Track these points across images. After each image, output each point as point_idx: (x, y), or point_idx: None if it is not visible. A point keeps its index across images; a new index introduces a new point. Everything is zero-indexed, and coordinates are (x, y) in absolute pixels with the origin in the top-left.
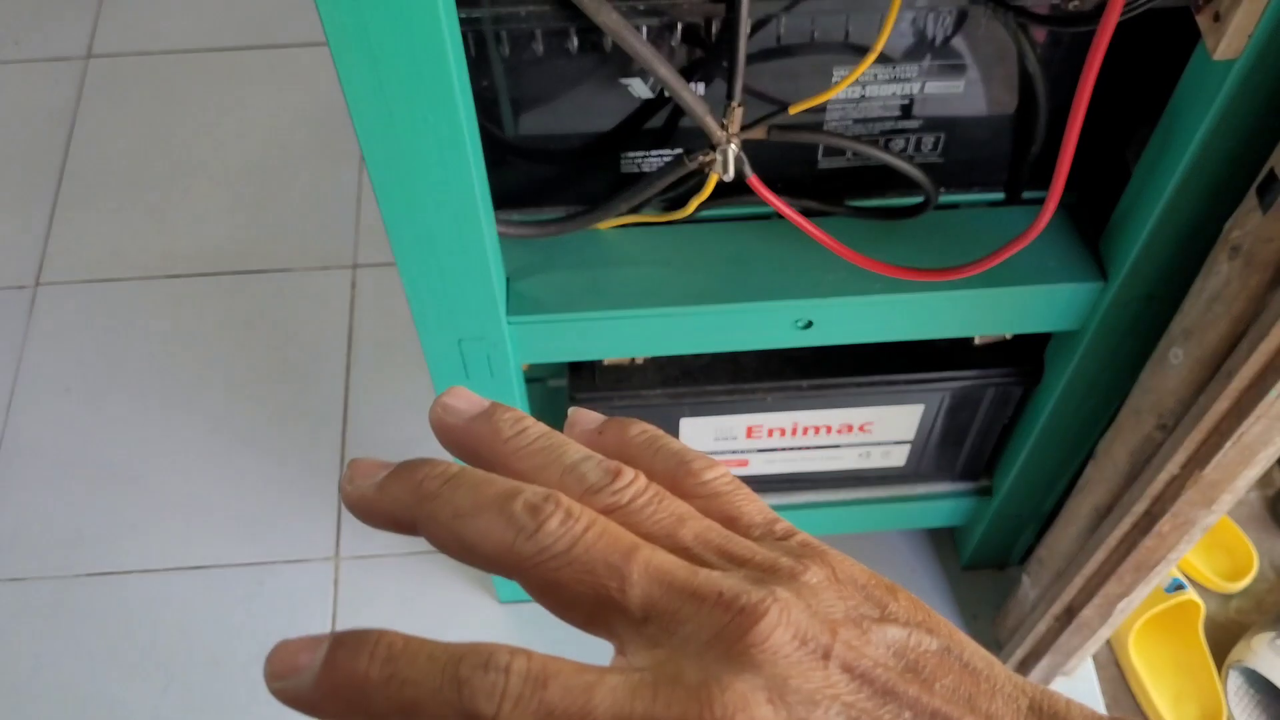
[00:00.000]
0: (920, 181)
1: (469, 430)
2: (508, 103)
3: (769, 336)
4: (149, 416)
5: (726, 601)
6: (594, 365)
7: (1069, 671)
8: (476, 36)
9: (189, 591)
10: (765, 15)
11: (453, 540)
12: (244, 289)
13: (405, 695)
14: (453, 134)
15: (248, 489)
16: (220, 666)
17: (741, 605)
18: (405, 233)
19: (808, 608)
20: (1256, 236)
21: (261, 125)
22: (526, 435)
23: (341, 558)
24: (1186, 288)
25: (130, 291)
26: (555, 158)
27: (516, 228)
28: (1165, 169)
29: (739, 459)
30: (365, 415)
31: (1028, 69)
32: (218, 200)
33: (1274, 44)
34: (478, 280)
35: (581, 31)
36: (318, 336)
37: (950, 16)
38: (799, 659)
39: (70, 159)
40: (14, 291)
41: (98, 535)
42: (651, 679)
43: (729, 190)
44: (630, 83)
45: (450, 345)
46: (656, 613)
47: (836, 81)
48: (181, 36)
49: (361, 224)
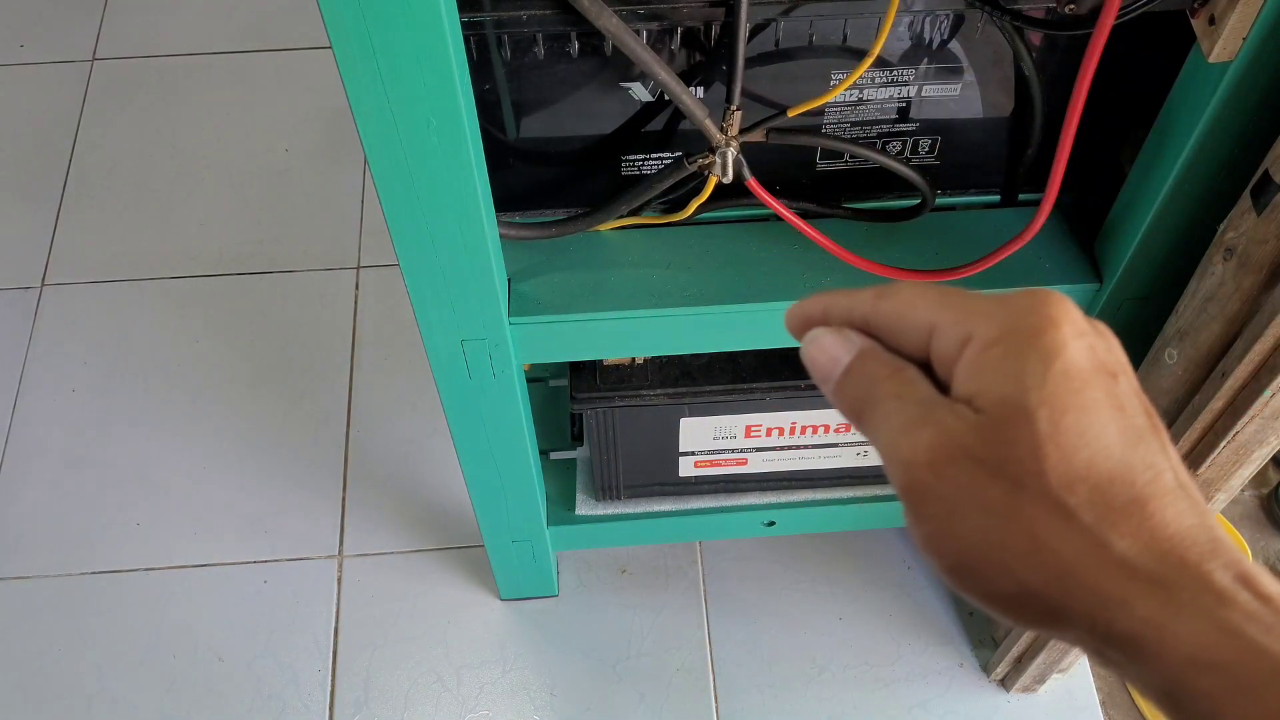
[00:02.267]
0: (917, 184)
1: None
2: (509, 106)
3: (768, 337)
4: (153, 416)
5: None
6: (594, 365)
7: (1065, 669)
8: (479, 40)
9: (193, 589)
10: (764, 19)
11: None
12: (248, 290)
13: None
14: (455, 137)
15: (251, 488)
16: (225, 664)
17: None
18: (408, 235)
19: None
20: (1250, 238)
21: (266, 128)
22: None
23: (344, 556)
24: (1181, 289)
25: (135, 292)
26: (556, 160)
27: (518, 229)
28: (1160, 171)
29: (738, 458)
30: (368, 414)
31: (1024, 72)
32: (222, 202)
33: (1268, 47)
34: (480, 281)
35: (582, 36)
36: (321, 337)
37: (947, 20)
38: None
39: (75, 161)
40: (20, 292)
41: (103, 534)
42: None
43: (728, 192)
44: (630, 86)
45: (452, 345)
46: None
47: (834, 85)
48: (186, 39)
49: (365, 226)
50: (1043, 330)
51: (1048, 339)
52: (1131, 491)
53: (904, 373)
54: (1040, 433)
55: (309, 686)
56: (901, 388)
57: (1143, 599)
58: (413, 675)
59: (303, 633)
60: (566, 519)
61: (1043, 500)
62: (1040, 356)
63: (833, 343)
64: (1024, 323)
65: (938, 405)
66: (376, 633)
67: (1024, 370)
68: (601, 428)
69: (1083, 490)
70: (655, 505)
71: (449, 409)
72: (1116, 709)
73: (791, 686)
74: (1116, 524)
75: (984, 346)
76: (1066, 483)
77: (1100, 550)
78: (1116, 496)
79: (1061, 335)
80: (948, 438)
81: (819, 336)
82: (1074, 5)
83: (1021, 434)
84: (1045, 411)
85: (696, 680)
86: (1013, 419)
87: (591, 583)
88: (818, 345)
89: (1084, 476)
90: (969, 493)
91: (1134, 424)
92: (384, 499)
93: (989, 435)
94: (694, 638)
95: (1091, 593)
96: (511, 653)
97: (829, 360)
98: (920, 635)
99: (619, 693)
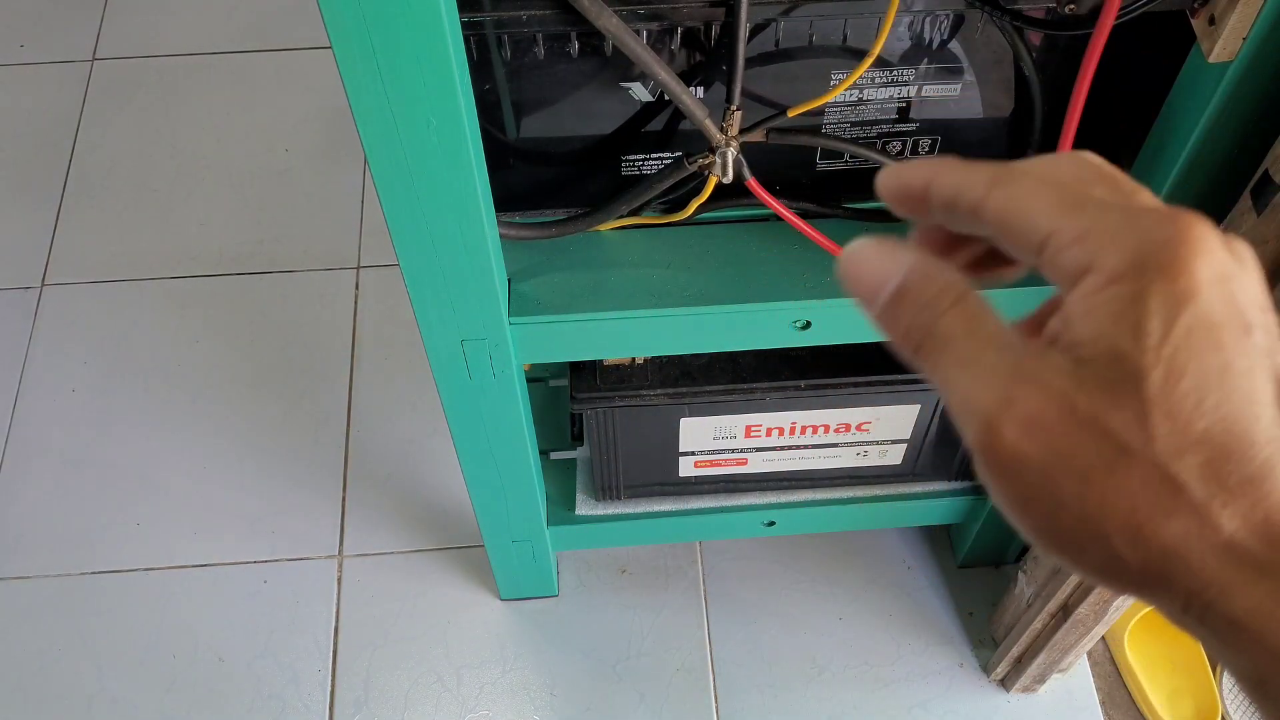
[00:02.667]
0: None
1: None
2: (509, 106)
3: (768, 337)
4: (154, 416)
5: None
6: (594, 365)
7: (1065, 669)
8: (479, 40)
9: (193, 589)
10: (764, 19)
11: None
12: (248, 290)
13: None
14: (455, 137)
15: (251, 488)
16: (225, 664)
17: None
18: (408, 235)
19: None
20: (1251, 238)
21: (266, 127)
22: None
23: (344, 556)
24: None
25: (135, 292)
26: (556, 160)
27: (518, 229)
28: (1160, 171)
29: (738, 458)
30: (368, 414)
31: (1024, 72)
32: (222, 202)
33: (1268, 47)
34: (480, 281)
35: (582, 36)
36: (321, 337)
37: (947, 20)
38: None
39: (76, 161)
40: (20, 292)
41: (103, 534)
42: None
43: (728, 192)
44: (630, 86)
45: (453, 345)
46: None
47: (834, 85)
48: (186, 39)
49: (365, 226)
50: (1176, 270)
51: (1181, 284)
52: (1249, 469)
53: (969, 303)
54: (1150, 397)
55: (309, 686)
56: (972, 323)
57: (1248, 586)
58: (413, 675)
59: (303, 633)
60: (566, 519)
61: (1149, 471)
62: (1167, 304)
63: (878, 256)
64: (1156, 258)
65: (1025, 353)
66: (376, 633)
67: (1144, 321)
68: (601, 428)
69: (1194, 463)
70: (655, 505)
71: (449, 409)
72: (1116, 709)
73: (791, 686)
74: (1229, 502)
75: (1105, 283)
76: (1177, 453)
77: (1208, 530)
78: (1232, 473)
79: (1196, 279)
80: (1044, 396)
81: (860, 249)
82: (1074, 5)
83: (1130, 397)
84: (1160, 373)
85: (696, 680)
86: (1123, 379)
87: (591, 583)
88: (858, 259)
89: (1197, 448)
90: (1064, 458)
91: (1259, 390)
92: (384, 499)
93: (1094, 393)
94: (694, 638)
95: (1194, 574)
96: (511, 653)
97: (874, 279)
98: (920, 635)
99: (619, 693)
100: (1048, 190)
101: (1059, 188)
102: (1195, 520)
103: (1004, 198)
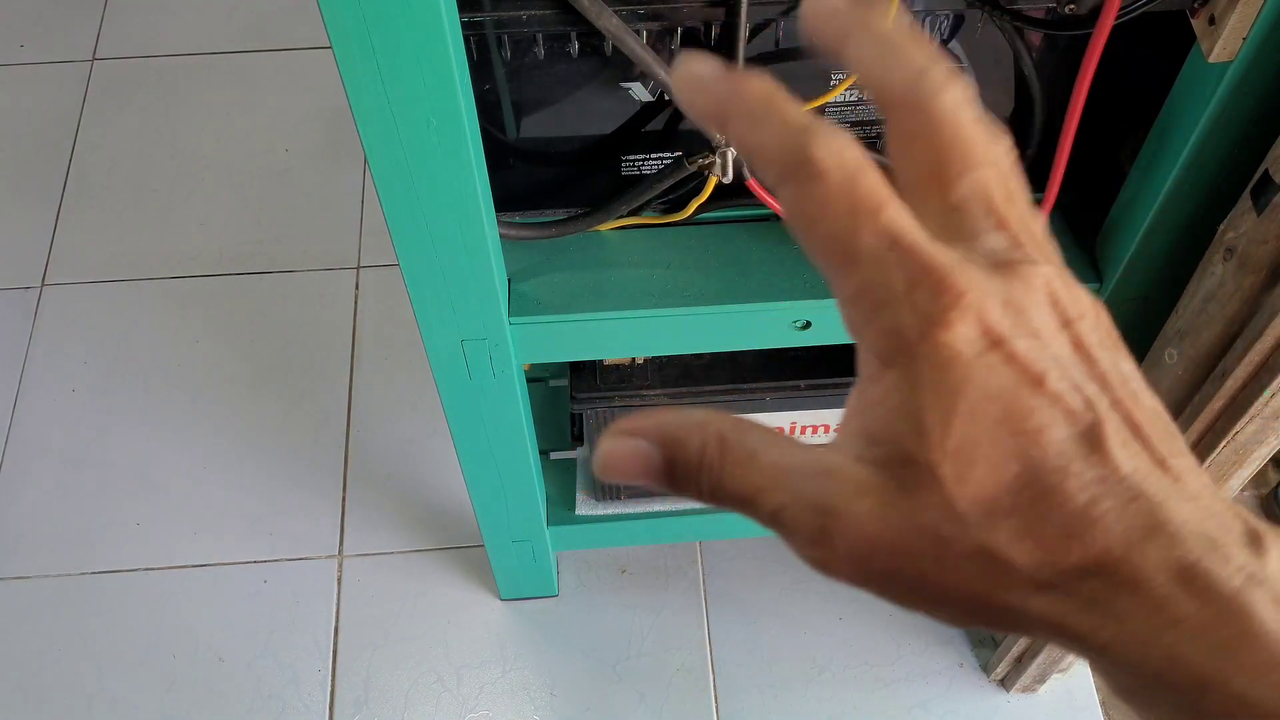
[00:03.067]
0: None
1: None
2: (509, 106)
3: (768, 337)
4: (154, 416)
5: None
6: (594, 365)
7: (1065, 669)
8: (479, 40)
9: (193, 589)
10: (764, 19)
11: (740, 140)
12: (248, 290)
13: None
14: (455, 137)
15: (251, 488)
16: (225, 664)
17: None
18: (408, 235)
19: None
20: (1250, 238)
21: (266, 127)
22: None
23: (344, 556)
24: (1181, 289)
25: (135, 292)
26: (556, 160)
27: (518, 229)
28: (1160, 171)
29: None
30: (368, 414)
31: (1024, 72)
32: (222, 202)
33: (1268, 47)
34: (480, 281)
35: (582, 36)
36: (321, 337)
37: (947, 20)
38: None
39: (76, 161)
40: (20, 292)
41: (103, 534)
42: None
43: (728, 193)
44: (630, 86)
45: (453, 345)
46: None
47: (834, 85)
48: (186, 39)
49: (365, 226)
50: (939, 355)
51: (951, 374)
52: (1061, 525)
53: (737, 430)
54: (950, 492)
55: (309, 686)
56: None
57: (1083, 616)
58: (413, 675)
59: (303, 633)
60: (566, 519)
61: (973, 551)
62: (939, 394)
63: (626, 427)
64: (917, 346)
65: (829, 474)
66: (376, 633)
67: (922, 417)
68: (601, 428)
69: (1009, 534)
70: (655, 505)
71: (449, 409)
72: (1116, 709)
73: (791, 686)
74: (1047, 562)
75: (879, 372)
76: (991, 528)
77: (1038, 592)
78: (1048, 533)
79: (962, 359)
80: (856, 522)
81: (615, 432)
82: (1074, 5)
83: (931, 495)
84: (951, 468)
85: (696, 680)
86: (920, 483)
87: (591, 583)
88: (611, 444)
89: (1008, 519)
90: (894, 569)
91: (1055, 443)
92: (384, 499)
93: (899, 503)
94: (694, 638)
95: (1042, 623)
96: (511, 653)
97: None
98: (920, 635)
99: (619, 693)
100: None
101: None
102: (1028, 587)
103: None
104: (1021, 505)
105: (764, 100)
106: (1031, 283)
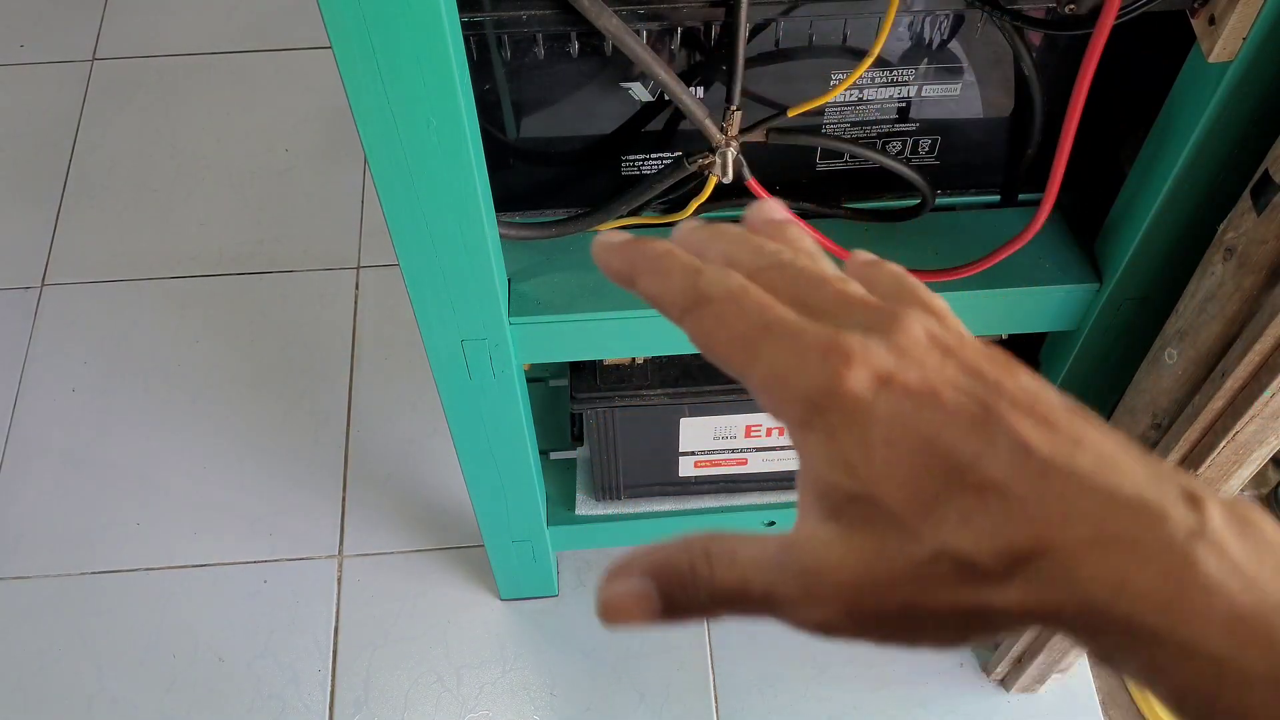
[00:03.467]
0: (917, 184)
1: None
2: (509, 106)
3: None
4: (153, 416)
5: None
6: (594, 365)
7: (1065, 669)
8: (479, 40)
9: (193, 589)
10: (764, 19)
11: (646, 292)
12: (248, 290)
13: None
14: (455, 137)
15: (251, 488)
16: (225, 664)
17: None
18: (408, 235)
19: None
20: (1250, 238)
21: (266, 127)
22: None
23: (344, 556)
24: (1181, 289)
25: (135, 292)
26: (556, 160)
27: (518, 229)
28: (1160, 171)
29: (738, 458)
30: (368, 414)
31: (1024, 72)
32: (222, 202)
33: (1268, 47)
34: (480, 281)
35: (582, 36)
36: (321, 337)
37: (947, 20)
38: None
39: (75, 161)
40: (20, 292)
41: (103, 534)
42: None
43: (728, 192)
44: (630, 86)
45: (452, 345)
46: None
47: (834, 85)
48: (186, 39)
49: (365, 226)
50: (842, 402)
51: (855, 418)
52: (1002, 505)
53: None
54: (898, 515)
55: (309, 686)
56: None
57: (1047, 596)
58: (413, 675)
59: (303, 633)
60: (566, 519)
61: (939, 556)
62: (854, 434)
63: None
64: (823, 400)
65: (782, 552)
66: (376, 633)
67: (848, 456)
68: (601, 428)
69: (955, 529)
70: (655, 505)
71: (449, 409)
72: (1116, 709)
73: (791, 686)
74: (1004, 543)
75: (798, 429)
76: (934, 524)
77: (1008, 583)
78: (987, 519)
79: (862, 400)
80: (838, 588)
81: (609, 577)
82: (1074, 5)
83: (881, 521)
84: (888, 491)
85: (696, 680)
86: (871, 519)
87: (592, 583)
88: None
89: (955, 521)
90: (882, 613)
91: (963, 442)
92: (384, 499)
93: (866, 546)
94: (694, 638)
95: (1018, 614)
96: (511, 653)
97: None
98: None
99: (619, 693)
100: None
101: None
102: (993, 582)
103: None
104: (952, 495)
105: (663, 255)
106: (909, 329)
